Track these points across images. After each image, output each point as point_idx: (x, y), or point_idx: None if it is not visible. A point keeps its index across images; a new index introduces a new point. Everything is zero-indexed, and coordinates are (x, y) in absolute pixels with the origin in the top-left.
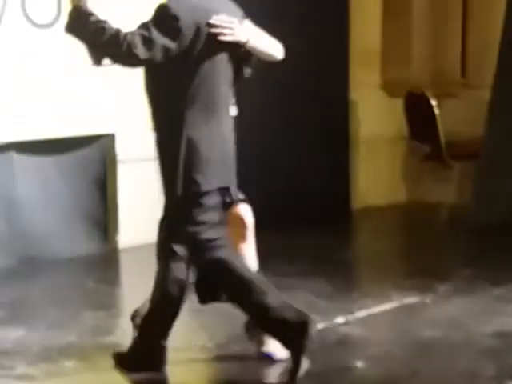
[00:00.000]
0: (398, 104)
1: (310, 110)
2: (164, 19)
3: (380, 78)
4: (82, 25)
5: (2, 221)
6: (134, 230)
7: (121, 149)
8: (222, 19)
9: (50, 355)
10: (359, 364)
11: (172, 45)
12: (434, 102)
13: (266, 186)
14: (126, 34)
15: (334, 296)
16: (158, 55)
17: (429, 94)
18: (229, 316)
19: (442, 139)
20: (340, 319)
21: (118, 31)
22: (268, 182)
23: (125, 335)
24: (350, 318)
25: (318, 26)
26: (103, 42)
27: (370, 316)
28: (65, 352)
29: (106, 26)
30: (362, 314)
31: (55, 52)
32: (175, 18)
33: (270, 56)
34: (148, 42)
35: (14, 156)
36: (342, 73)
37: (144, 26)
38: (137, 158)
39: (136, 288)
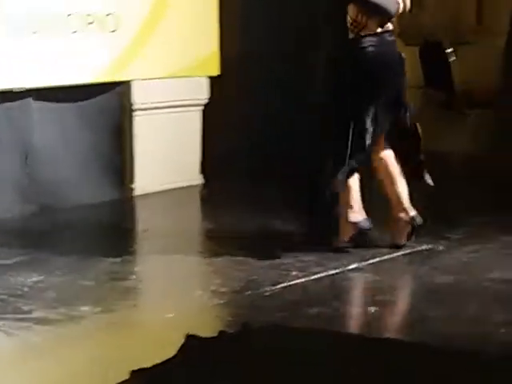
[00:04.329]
0: (414, 52)
1: (319, 56)
2: None
3: (396, 26)
4: None
5: (19, 168)
6: (150, 177)
7: (137, 96)
8: None
9: (66, 300)
10: (371, 309)
11: None
12: (449, 50)
13: (281, 136)
14: None
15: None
16: None
17: (444, 41)
18: (243, 263)
19: (457, 87)
20: (352, 265)
21: None
22: (284, 133)
23: (139, 280)
24: (363, 263)
25: None
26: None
27: (382, 262)
28: (81, 296)
29: None
30: (374, 260)
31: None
32: None
33: None
34: None
35: (32, 103)
36: None
37: None
38: (153, 106)
39: (150, 234)
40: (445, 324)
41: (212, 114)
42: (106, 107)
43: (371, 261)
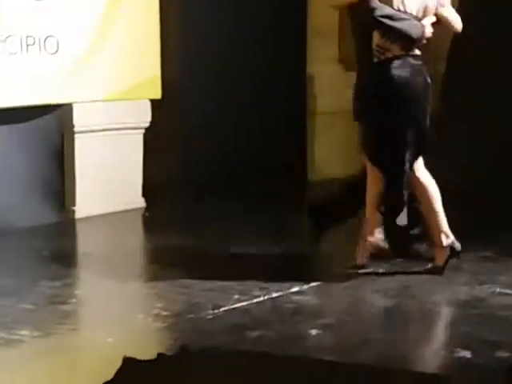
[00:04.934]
0: (355, 77)
1: (268, 83)
2: None
3: (337, 52)
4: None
5: None
6: (91, 200)
7: (78, 119)
8: None
9: (5, 323)
10: (313, 332)
11: None
12: None
13: (223, 159)
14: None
15: (289, 266)
16: None
17: None
18: (185, 286)
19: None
20: (294, 288)
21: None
22: (225, 156)
23: (79, 304)
24: (305, 286)
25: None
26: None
27: (324, 285)
28: (21, 320)
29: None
30: (316, 283)
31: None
32: None
33: None
34: None
35: None
36: (299, 47)
37: None
38: (94, 129)
39: (91, 258)
40: (387, 346)
41: (154, 137)
42: (47, 129)
43: (313, 284)
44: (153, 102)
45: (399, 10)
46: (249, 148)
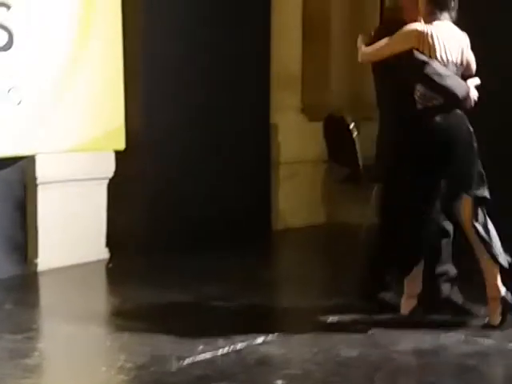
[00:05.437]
0: (318, 127)
1: (231, 133)
2: None
3: (300, 102)
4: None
5: None
6: (54, 252)
7: (41, 170)
8: None
9: None
10: (279, 382)
11: None
12: (352, 126)
13: (186, 209)
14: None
15: (254, 316)
16: None
17: (347, 117)
18: (149, 338)
19: (360, 162)
20: (259, 339)
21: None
22: (189, 205)
23: (42, 358)
24: (270, 337)
25: (239, 49)
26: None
27: (289, 335)
28: None
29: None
30: (281, 333)
31: None
32: None
33: None
34: None
35: None
36: (262, 96)
37: None
38: (57, 180)
39: (54, 310)
40: None
41: (117, 188)
42: (9, 181)
43: (278, 334)
44: (116, 152)
45: (442, 60)
46: (212, 197)
